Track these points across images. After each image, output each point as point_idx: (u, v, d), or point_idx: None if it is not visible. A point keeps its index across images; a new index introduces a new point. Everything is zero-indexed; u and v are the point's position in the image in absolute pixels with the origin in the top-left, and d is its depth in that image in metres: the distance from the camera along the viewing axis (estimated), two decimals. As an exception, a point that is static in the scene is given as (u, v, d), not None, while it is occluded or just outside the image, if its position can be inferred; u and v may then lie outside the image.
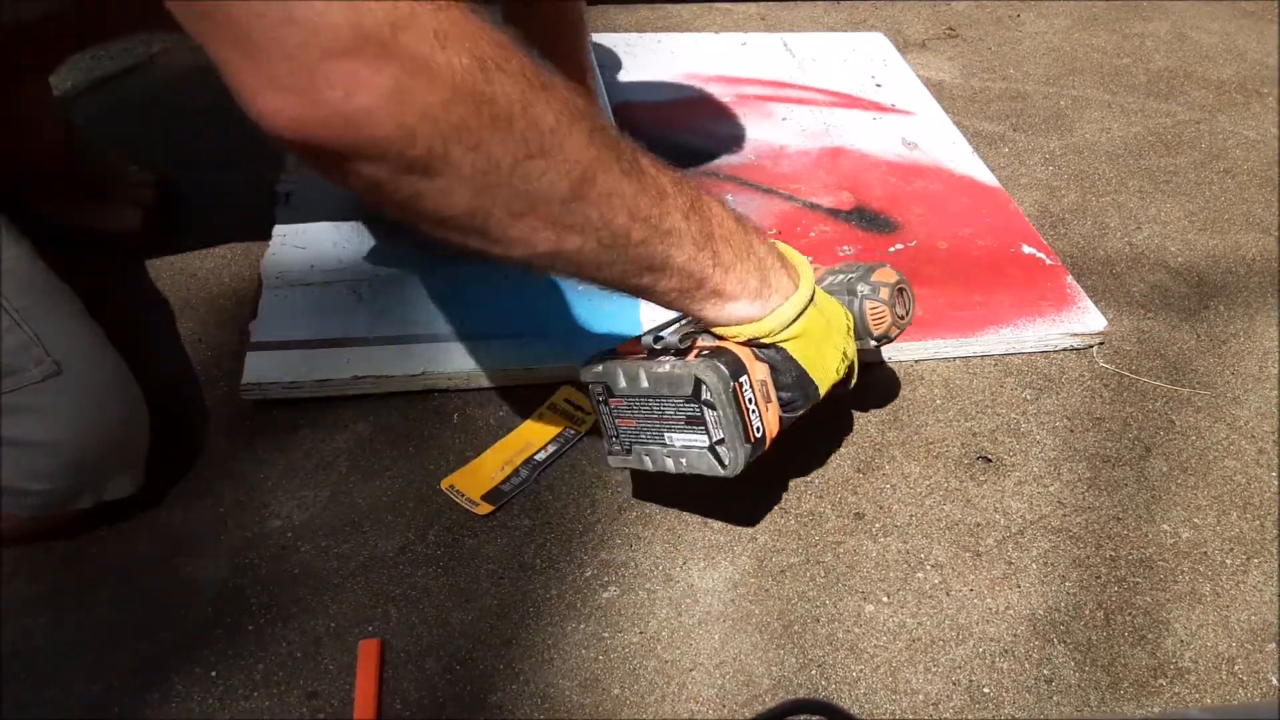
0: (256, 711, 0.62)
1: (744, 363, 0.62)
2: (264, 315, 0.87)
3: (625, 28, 1.45)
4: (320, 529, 0.73)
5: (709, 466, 0.64)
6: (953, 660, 0.68)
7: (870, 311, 0.72)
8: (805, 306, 0.63)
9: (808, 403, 0.66)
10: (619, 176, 0.52)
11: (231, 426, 0.80)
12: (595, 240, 0.53)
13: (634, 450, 0.68)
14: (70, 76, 1.16)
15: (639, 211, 0.54)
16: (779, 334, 0.63)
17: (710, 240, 0.58)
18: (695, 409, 0.62)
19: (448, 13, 0.44)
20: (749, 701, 0.65)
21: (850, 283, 0.73)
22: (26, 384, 0.63)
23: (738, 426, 0.62)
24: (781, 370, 0.64)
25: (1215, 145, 1.30)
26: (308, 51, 0.40)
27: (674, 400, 0.63)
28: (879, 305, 0.72)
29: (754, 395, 0.62)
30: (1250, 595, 0.74)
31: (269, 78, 0.41)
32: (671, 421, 0.64)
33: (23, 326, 0.63)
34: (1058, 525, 0.78)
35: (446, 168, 0.46)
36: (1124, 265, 1.07)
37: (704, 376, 0.61)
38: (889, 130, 1.24)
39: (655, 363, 0.64)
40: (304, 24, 0.40)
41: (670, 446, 0.66)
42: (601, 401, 0.68)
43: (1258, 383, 0.93)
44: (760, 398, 0.63)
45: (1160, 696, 0.67)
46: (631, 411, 0.66)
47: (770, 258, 0.62)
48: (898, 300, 0.73)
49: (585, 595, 0.70)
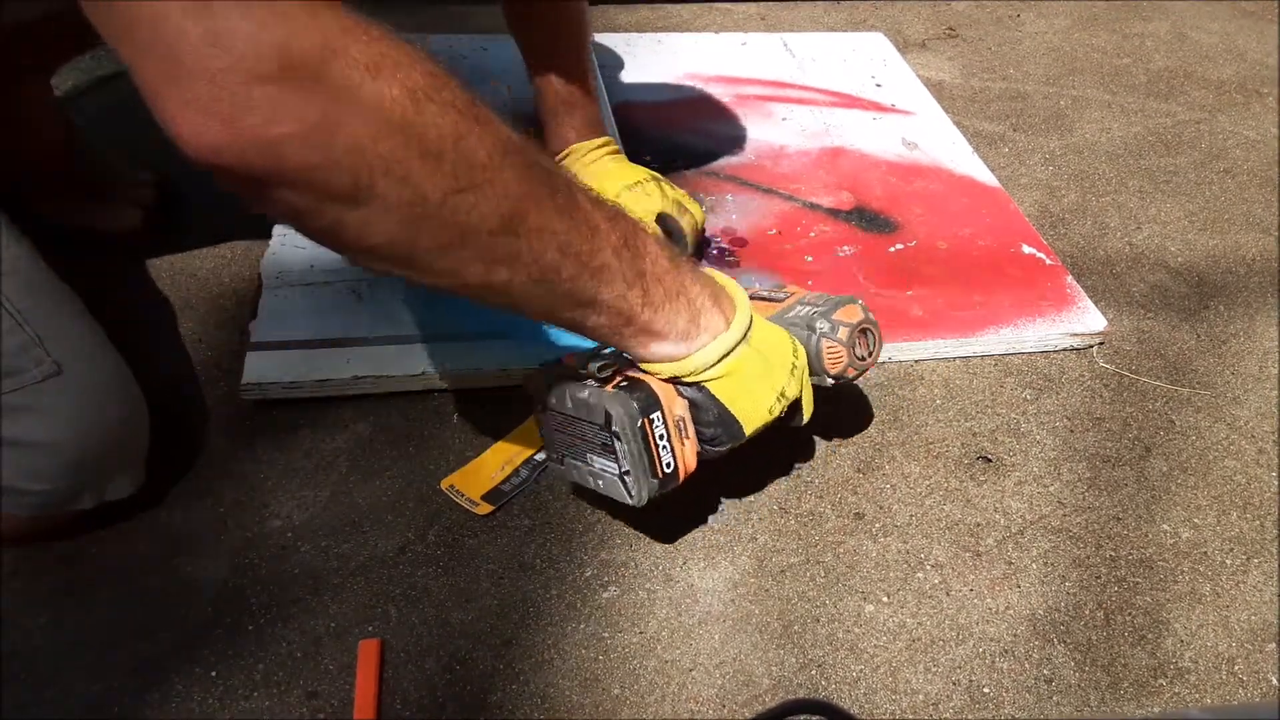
0: (256, 711, 0.62)
1: (659, 399, 0.63)
2: (264, 315, 0.87)
3: (625, 28, 1.45)
4: (320, 529, 0.73)
5: (619, 494, 0.65)
6: (953, 660, 0.68)
7: (826, 351, 0.71)
8: (733, 346, 0.63)
9: (732, 440, 0.65)
10: (551, 213, 0.52)
11: (231, 426, 0.80)
12: (525, 274, 0.53)
13: (565, 461, 0.69)
14: (70, 76, 1.16)
15: (570, 247, 0.54)
16: (701, 373, 0.63)
17: (641, 278, 0.58)
18: (607, 438, 0.63)
19: (380, 42, 0.43)
20: (749, 702, 0.65)
21: (811, 318, 0.72)
22: (27, 384, 0.63)
23: (643, 461, 0.62)
24: (703, 408, 0.64)
25: (1215, 145, 1.30)
26: (231, 75, 0.39)
27: (591, 425, 0.64)
28: (836, 345, 0.71)
29: (666, 431, 0.63)
30: (1250, 595, 0.74)
31: (189, 99, 0.39)
32: (591, 444, 0.65)
33: (23, 327, 0.63)
34: (1058, 525, 0.78)
35: (372, 199, 0.44)
36: (1124, 265, 1.07)
37: (612, 410, 0.61)
38: (889, 130, 1.24)
39: (579, 386, 0.65)
40: (229, 46, 0.39)
41: (590, 467, 0.66)
42: (541, 410, 0.69)
43: (1258, 383, 0.93)
44: (675, 433, 0.63)
45: (1160, 696, 0.68)
46: (562, 425, 0.67)
47: (703, 296, 0.62)
48: (859, 341, 0.72)
49: (585, 595, 0.70)
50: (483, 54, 1.29)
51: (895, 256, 1.02)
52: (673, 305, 0.60)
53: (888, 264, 1.01)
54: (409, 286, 0.52)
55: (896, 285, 0.98)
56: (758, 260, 1.00)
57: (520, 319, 0.86)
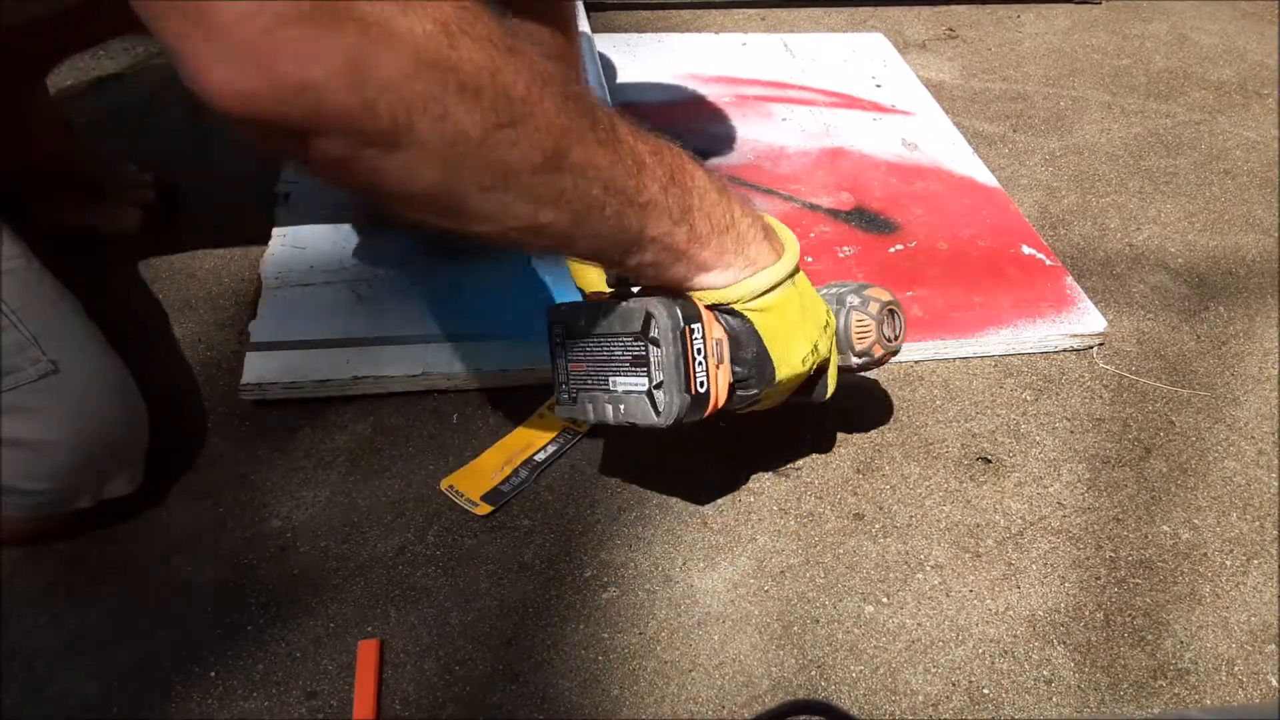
0: (256, 712, 0.62)
1: (701, 313, 0.60)
2: (264, 315, 0.87)
3: (625, 28, 1.45)
4: (320, 529, 0.73)
5: (644, 414, 0.61)
6: (952, 661, 0.68)
7: (856, 323, 0.70)
8: (780, 281, 0.61)
9: (763, 384, 0.63)
10: (594, 147, 0.50)
11: (231, 426, 0.80)
12: (569, 213, 0.51)
13: (579, 398, 0.66)
14: (70, 76, 1.16)
15: (614, 184, 0.51)
16: (746, 301, 0.61)
17: (688, 214, 0.56)
18: (641, 347, 0.59)
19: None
20: (748, 702, 0.65)
21: (841, 294, 0.72)
22: (23, 383, 0.63)
23: (679, 370, 0.59)
24: (742, 342, 0.62)
25: (1215, 146, 1.30)
26: (258, 18, 0.38)
27: (623, 338, 0.61)
28: (866, 319, 0.70)
29: (704, 349, 0.60)
30: (1250, 596, 0.74)
31: (217, 49, 0.38)
32: (618, 364, 0.62)
33: (19, 326, 0.63)
34: (1057, 526, 0.78)
35: (411, 141, 0.43)
36: (1124, 266, 1.07)
37: (654, 311, 0.58)
38: (889, 131, 1.24)
39: (615, 302, 0.62)
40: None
41: (613, 392, 0.63)
42: (559, 343, 0.66)
43: (1257, 384, 0.93)
44: (711, 354, 0.60)
45: (1160, 697, 0.67)
46: (584, 353, 0.64)
47: (753, 230, 0.61)
48: (887, 320, 0.71)
49: (585, 596, 0.70)
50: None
51: (895, 257, 1.02)
52: (720, 240, 0.58)
53: (888, 265, 1.01)
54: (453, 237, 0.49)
55: (896, 286, 0.97)
56: (758, 261, 0.99)
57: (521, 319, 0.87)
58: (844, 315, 0.70)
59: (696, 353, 0.59)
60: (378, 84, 0.41)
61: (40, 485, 0.65)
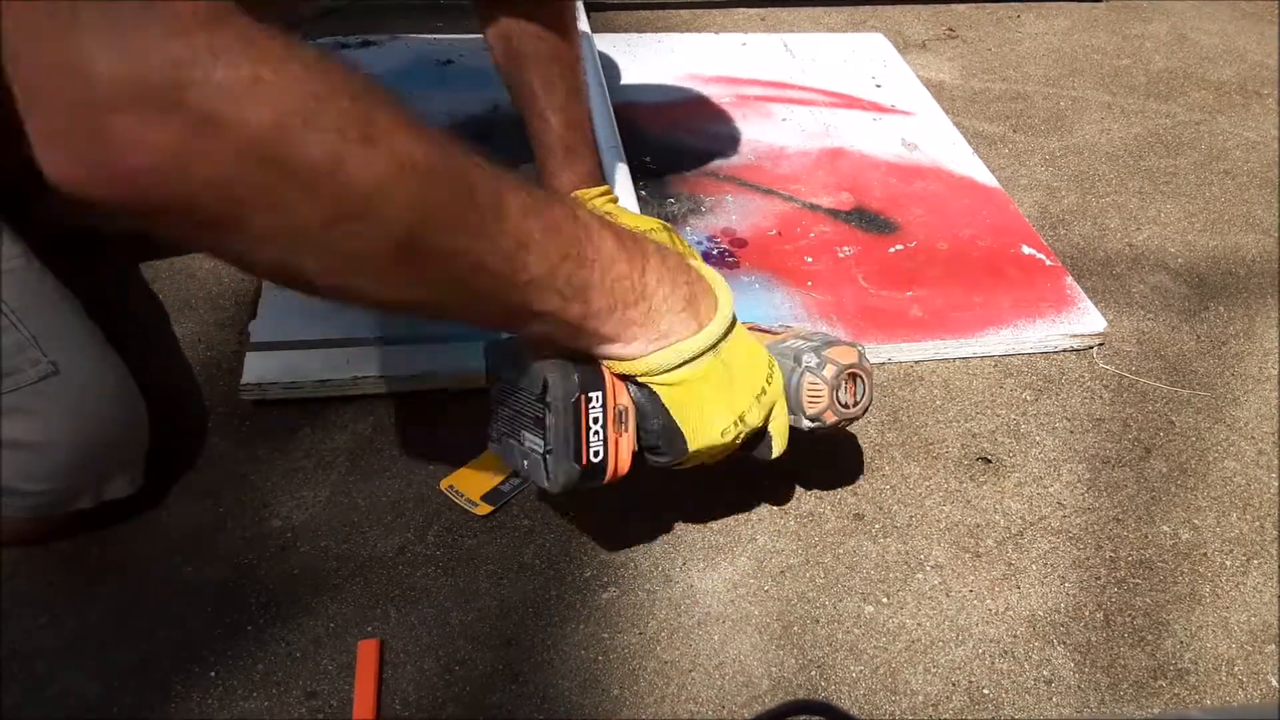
0: (256, 712, 0.62)
1: (605, 382, 0.58)
2: (264, 315, 0.87)
3: (625, 28, 1.45)
4: (320, 529, 0.73)
5: (539, 477, 0.59)
6: (952, 661, 0.68)
7: (807, 386, 0.65)
8: (696, 355, 0.58)
9: (674, 454, 0.60)
10: (461, 234, 0.48)
11: (231, 426, 0.80)
12: (434, 293, 0.50)
13: (501, 440, 0.65)
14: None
15: (486, 266, 0.49)
16: (653, 376, 0.58)
17: (584, 290, 0.54)
18: (540, 410, 0.58)
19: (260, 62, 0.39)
20: (748, 702, 0.65)
21: (800, 352, 0.66)
22: (23, 384, 0.63)
23: (568, 442, 0.57)
24: (647, 414, 0.59)
25: (1215, 146, 1.30)
26: (85, 105, 0.36)
27: (528, 396, 0.60)
28: (819, 383, 0.65)
29: (604, 418, 0.58)
30: (1250, 597, 0.74)
31: (50, 131, 0.38)
32: (526, 419, 0.60)
33: (19, 327, 0.63)
34: (1057, 526, 0.78)
35: (243, 227, 0.42)
36: (1124, 266, 1.07)
37: (550, 377, 0.57)
38: (889, 131, 1.24)
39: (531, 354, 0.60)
40: (80, 72, 0.36)
41: (521, 445, 0.61)
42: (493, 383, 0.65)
43: (1257, 384, 0.93)
44: (612, 423, 0.59)
45: (1160, 698, 0.67)
46: (507, 398, 0.63)
47: (670, 301, 0.57)
48: (845, 384, 0.65)
49: (584, 596, 0.70)
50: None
51: (895, 257, 1.02)
52: (625, 314, 0.56)
53: (887, 265, 1.01)
54: None
55: (896, 286, 0.98)
56: (757, 261, 1.00)
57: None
58: (796, 376, 0.66)
59: (593, 421, 0.58)
60: (203, 178, 0.39)
61: (40, 486, 0.65)
